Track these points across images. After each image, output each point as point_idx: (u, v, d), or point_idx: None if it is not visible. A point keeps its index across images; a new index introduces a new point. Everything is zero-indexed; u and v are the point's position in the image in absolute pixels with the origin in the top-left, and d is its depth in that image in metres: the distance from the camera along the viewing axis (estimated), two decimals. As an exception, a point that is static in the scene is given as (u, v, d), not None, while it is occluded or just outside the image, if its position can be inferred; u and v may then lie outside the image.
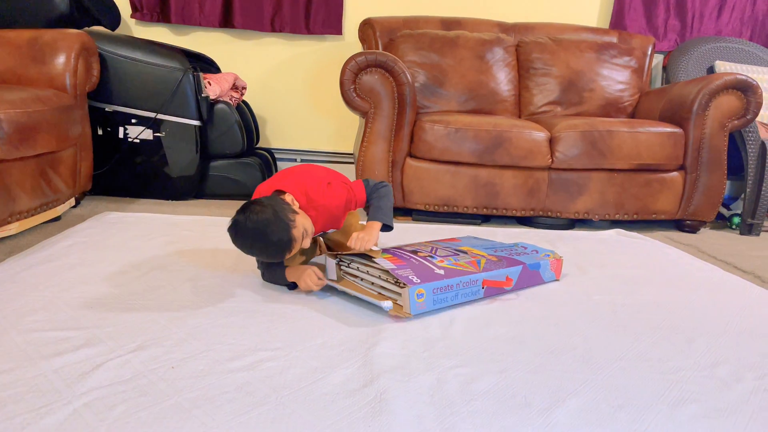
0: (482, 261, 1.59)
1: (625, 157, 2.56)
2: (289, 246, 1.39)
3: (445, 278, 1.43)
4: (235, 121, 2.79)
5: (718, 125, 2.63)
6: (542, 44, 3.11)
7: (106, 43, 2.55)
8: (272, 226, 1.36)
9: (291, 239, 1.38)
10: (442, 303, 1.44)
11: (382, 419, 0.96)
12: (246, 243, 1.41)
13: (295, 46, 3.40)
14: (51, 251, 1.77)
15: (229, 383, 1.04)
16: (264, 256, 1.49)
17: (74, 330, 1.22)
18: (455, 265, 1.52)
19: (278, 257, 1.44)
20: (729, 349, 1.35)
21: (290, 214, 1.40)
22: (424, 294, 1.38)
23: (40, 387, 0.99)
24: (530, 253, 1.77)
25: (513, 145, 2.51)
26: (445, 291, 1.43)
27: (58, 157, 2.11)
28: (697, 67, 3.20)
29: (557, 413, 1.01)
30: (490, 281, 1.53)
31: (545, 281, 1.74)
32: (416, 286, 1.37)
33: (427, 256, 1.56)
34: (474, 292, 1.51)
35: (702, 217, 2.73)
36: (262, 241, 1.38)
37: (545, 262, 1.72)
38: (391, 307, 1.37)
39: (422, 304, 1.39)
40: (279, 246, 1.38)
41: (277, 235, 1.37)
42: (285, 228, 1.37)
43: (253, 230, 1.37)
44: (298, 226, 1.40)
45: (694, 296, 1.74)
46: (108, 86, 2.55)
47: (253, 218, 1.37)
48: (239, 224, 1.39)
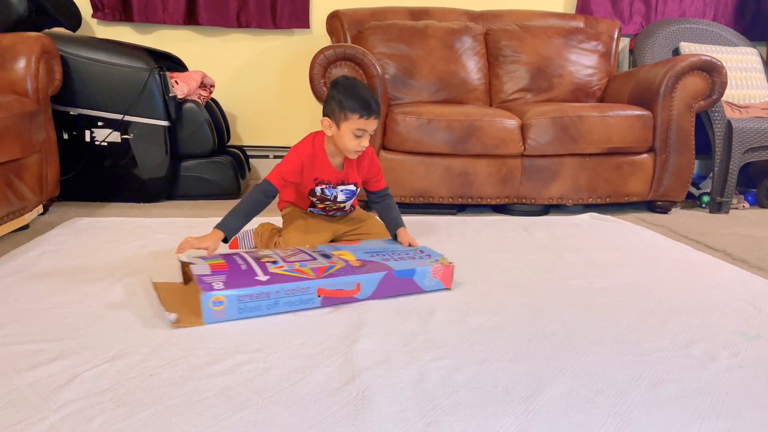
0: (337, 266, 1.48)
1: (595, 142, 2.59)
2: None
3: (264, 285, 1.35)
4: (204, 119, 2.75)
5: (685, 106, 2.67)
6: (510, 31, 3.12)
7: (67, 45, 2.49)
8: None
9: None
10: (255, 311, 1.34)
11: (365, 416, 0.96)
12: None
13: (263, 42, 3.37)
14: (20, 261, 1.73)
15: (209, 388, 1.03)
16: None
17: (47, 342, 1.20)
18: (294, 271, 1.42)
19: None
20: (703, 327, 1.38)
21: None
22: (224, 302, 1.30)
23: (15, 402, 0.97)
24: (417, 258, 1.61)
25: (485, 134, 2.51)
26: (259, 299, 1.34)
27: (23, 164, 2.06)
28: (662, 49, 3.24)
29: (538, 400, 1.02)
30: (328, 290, 1.42)
31: (425, 290, 1.56)
32: (213, 292, 1.29)
33: (269, 261, 1.47)
34: (305, 301, 1.40)
35: (673, 198, 2.77)
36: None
37: (423, 269, 1.54)
38: (173, 319, 1.28)
39: (221, 313, 1.30)
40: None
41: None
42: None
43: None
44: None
45: (668, 277, 1.77)
46: (72, 89, 2.50)
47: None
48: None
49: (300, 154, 1.74)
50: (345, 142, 1.69)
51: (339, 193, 1.82)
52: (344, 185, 1.82)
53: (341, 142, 1.70)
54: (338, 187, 1.81)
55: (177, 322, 1.28)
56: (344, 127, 1.67)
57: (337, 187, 1.81)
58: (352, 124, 1.66)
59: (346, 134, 1.68)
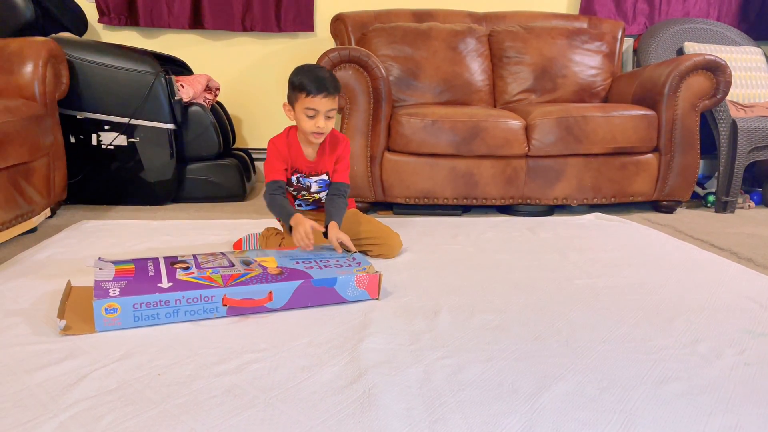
0: (252, 274, 1.42)
1: (600, 142, 2.59)
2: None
3: (165, 292, 1.30)
4: (210, 122, 2.77)
5: (690, 106, 2.67)
6: (514, 33, 3.13)
7: (74, 49, 2.51)
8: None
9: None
10: (151, 320, 1.30)
11: (371, 414, 0.96)
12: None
13: (267, 45, 3.38)
14: (28, 264, 1.74)
15: (216, 387, 1.04)
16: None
17: (57, 342, 1.21)
18: (203, 278, 1.38)
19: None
20: (708, 326, 1.38)
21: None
22: (119, 309, 1.26)
23: (24, 402, 0.98)
24: (345, 267, 1.53)
25: (489, 135, 2.52)
26: (158, 307, 1.29)
27: (31, 168, 2.08)
28: (666, 49, 3.24)
29: (544, 398, 1.03)
30: (234, 299, 1.35)
31: (348, 299, 1.48)
32: (106, 299, 1.25)
33: (181, 267, 1.45)
34: (209, 310, 1.34)
35: (678, 197, 2.77)
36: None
37: (346, 278, 1.46)
38: (62, 326, 1.23)
39: (114, 320, 1.26)
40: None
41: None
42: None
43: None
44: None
45: (673, 276, 1.76)
46: (78, 93, 2.51)
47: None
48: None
49: (276, 144, 1.80)
50: (301, 124, 1.72)
51: (313, 183, 1.85)
52: (317, 176, 1.84)
53: (300, 125, 1.73)
54: (311, 177, 1.84)
55: (66, 330, 1.24)
56: (297, 107, 1.70)
57: (310, 177, 1.84)
58: (303, 103, 1.68)
59: (300, 115, 1.70)
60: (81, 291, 1.44)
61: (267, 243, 1.92)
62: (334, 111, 1.72)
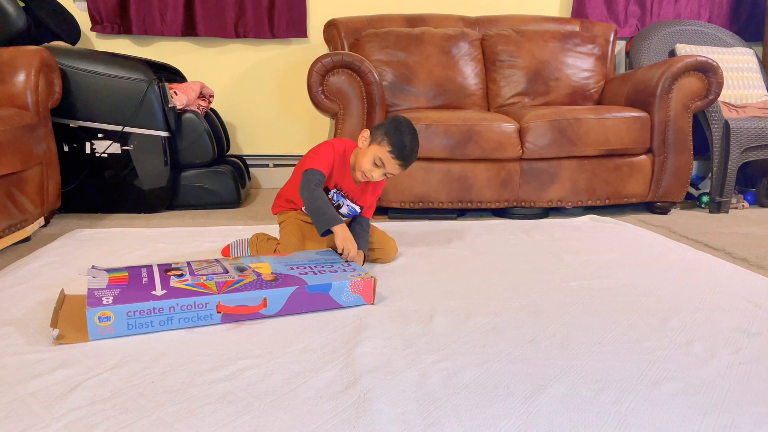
0: (246, 280, 1.41)
1: (593, 144, 2.59)
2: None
3: (158, 300, 1.30)
4: (203, 129, 2.77)
5: (682, 107, 2.68)
6: (507, 36, 3.14)
7: (66, 57, 2.51)
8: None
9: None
10: (145, 328, 1.29)
11: (366, 419, 0.96)
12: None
13: (261, 51, 3.39)
14: (21, 273, 1.74)
15: (210, 394, 1.04)
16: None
17: (50, 351, 1.20)
18: (197, 286, 1.37)
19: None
20: (703, 326, 1.38)
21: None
22: (112, 317, 1.25)
23: (17, 411, 0.97)
24: (340, 272, 1.52)
25: (483, 138, 2.52)
26: (151, 314, 1.29)
27: (24, 177, 2.07)
28: (658, 51, 3.25)
29: (539, 400, 1.02)
30: (228, 306, 1.35)
31: (343, 305, 1.47)
32: (99, 308, 1.24)
33: (175, 274, 1.44)
34: (203, 317, 1.33)
35: (672, 198, 2.78)
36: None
37: (341, 284, 1.46)
38: (55, 336, 1.23)
39: (108, 329, 1.25)
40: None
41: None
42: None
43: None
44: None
45: (668, 276, 1.77)
46: (71, 102, 2.51)
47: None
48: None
49: (334, 150, 1.78)
50: (363, 160, 1.73)
51: (345, 206, 1.85)
52: (353, 202, 1.85)
53: (361, 158, 1.75)
54: (347, 200, 1.84)
55: (59, 338, 1.24)
56: (373, 148, 1.72)
57: (346, 199, 1.84)
58: (380, 151, 1.70)
59: (369, 156, 1.72)
60: (74, 300, 1.44)
61: (258, 249, 1.91)
62: (393, 175, 1.76)
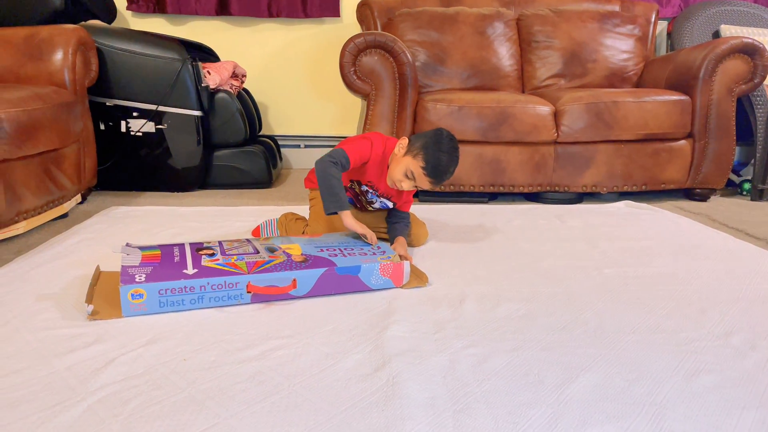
0: (276, 261, 1.42)
1: (631, 128, 2.53)
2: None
3: (190, 279, 1.31)
4: (236, 109, 2.78)
5: (726, 90, 2.59)
6: (543, 16, 3.07)
7: (103, 36, 2.53)
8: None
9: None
10: (177, 306, 1.31)
11: (395, 402, 0.96)
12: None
13: (293, 31, 3.37)
14: (59, 249, 1.77)
15: (241, 373, 1.05)
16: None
17: (85, 327, 1.22)
18: (228, 265, 1.38)
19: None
20: (742, 317, 1.34)
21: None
22: (144, 295, 1.28)
23: (53, 385, 1.00)
24: (369, 255, 1.52)
25: (517, 121, 2.48)
26: (183, 293, 1.30)
27: (62, 154, 2.11)
28: (702, 32, 3.14)
29: (571, 389, 1.01)
30: (258, 286, 1.35)
31: (372, 288, 1.47)
32: (132, 285, 1.27)
33: (207, 253, 1.44)
34: (233, 296, 1.35)
35: (712, 185, 2.70)
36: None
37: (370, 266, 1.45)
38: (90, 311, 1.26)
39: (140, 306, 1.28)
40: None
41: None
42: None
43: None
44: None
45: (706, 265, 1.72)
46: (107, 80, 2.54)
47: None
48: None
49: (372, 146, 1.73)
50: (396, 169, 1.69)
51: (378, 201, 1.83)
52: (386, 198, 1.83)
53: (394, 167, 1.71)
54: (381, 198, 1.82)
55: (94, 314, 1.26)
56: (407, 159, 1.67)
57: (380, 198, 1.82)
58: (414, 164, 1.65)
59: (402, 166, 1.67)
60: (109, 276, 1.46)
61: (287, 229, 1.92)
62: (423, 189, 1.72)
